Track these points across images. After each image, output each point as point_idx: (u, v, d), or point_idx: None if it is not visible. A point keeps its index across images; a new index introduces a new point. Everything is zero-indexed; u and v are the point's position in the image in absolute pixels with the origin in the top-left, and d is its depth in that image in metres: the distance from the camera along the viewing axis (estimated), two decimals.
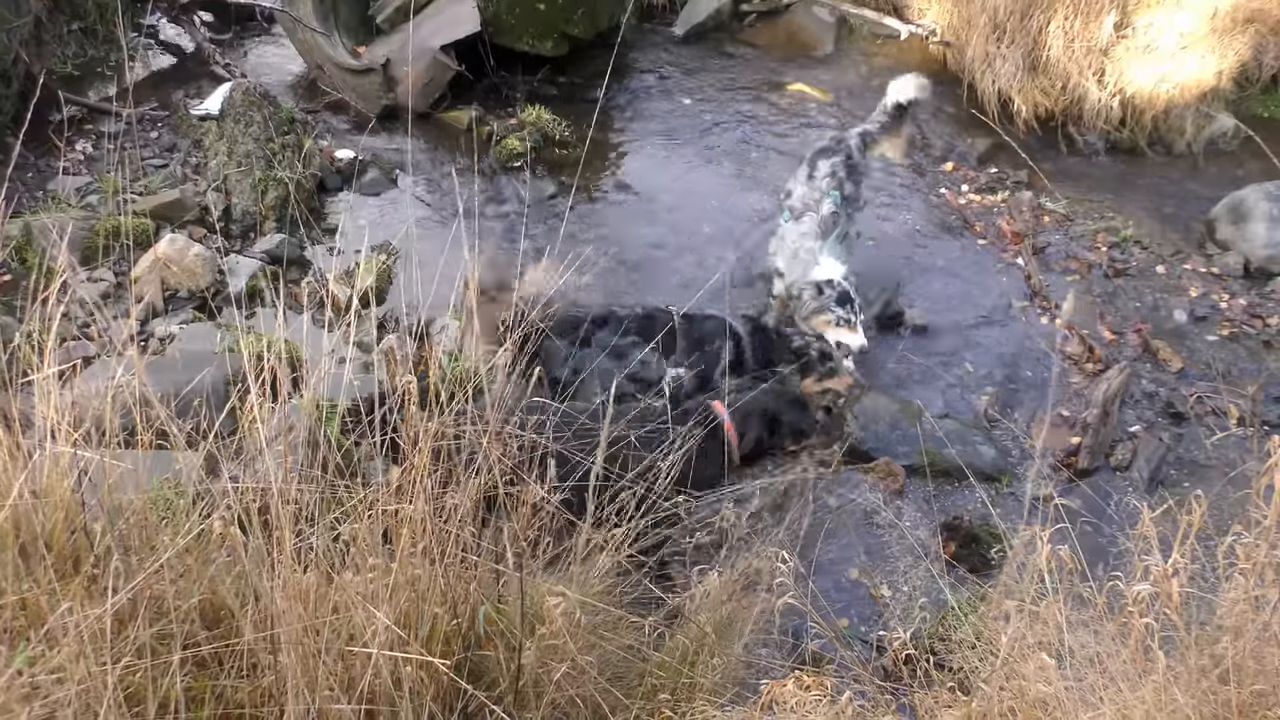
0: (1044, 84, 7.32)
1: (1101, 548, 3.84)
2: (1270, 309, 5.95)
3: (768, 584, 3.11)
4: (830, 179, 5.59)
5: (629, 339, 4.60)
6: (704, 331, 4.75)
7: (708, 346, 4.77)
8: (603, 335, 4.55)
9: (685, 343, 4.68)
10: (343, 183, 6.51)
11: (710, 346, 4.75)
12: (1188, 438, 5.11)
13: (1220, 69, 7.27)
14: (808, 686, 2.36)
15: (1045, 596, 2.52)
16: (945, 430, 5.06)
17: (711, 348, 4.74)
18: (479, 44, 7.20)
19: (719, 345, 4.76)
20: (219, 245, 5.83)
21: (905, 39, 8.29)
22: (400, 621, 2.62)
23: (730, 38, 8.41)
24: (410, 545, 2.67)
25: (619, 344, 4.58)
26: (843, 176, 5.63)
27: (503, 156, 6.74)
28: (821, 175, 5.62)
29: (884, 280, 5.92)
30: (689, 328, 4.72)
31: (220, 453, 2.96)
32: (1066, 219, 6.64)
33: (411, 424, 2.80)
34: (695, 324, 4.79)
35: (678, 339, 4.66)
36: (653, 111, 7.50)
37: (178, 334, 5.21)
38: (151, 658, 2.52)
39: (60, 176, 6.14)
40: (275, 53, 7.85)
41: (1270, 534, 2.26)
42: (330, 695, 2.52)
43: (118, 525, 2.83)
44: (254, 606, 2.65)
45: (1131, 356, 5.57)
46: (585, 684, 2.94)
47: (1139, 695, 2.18)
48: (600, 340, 4.55)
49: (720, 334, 4.80)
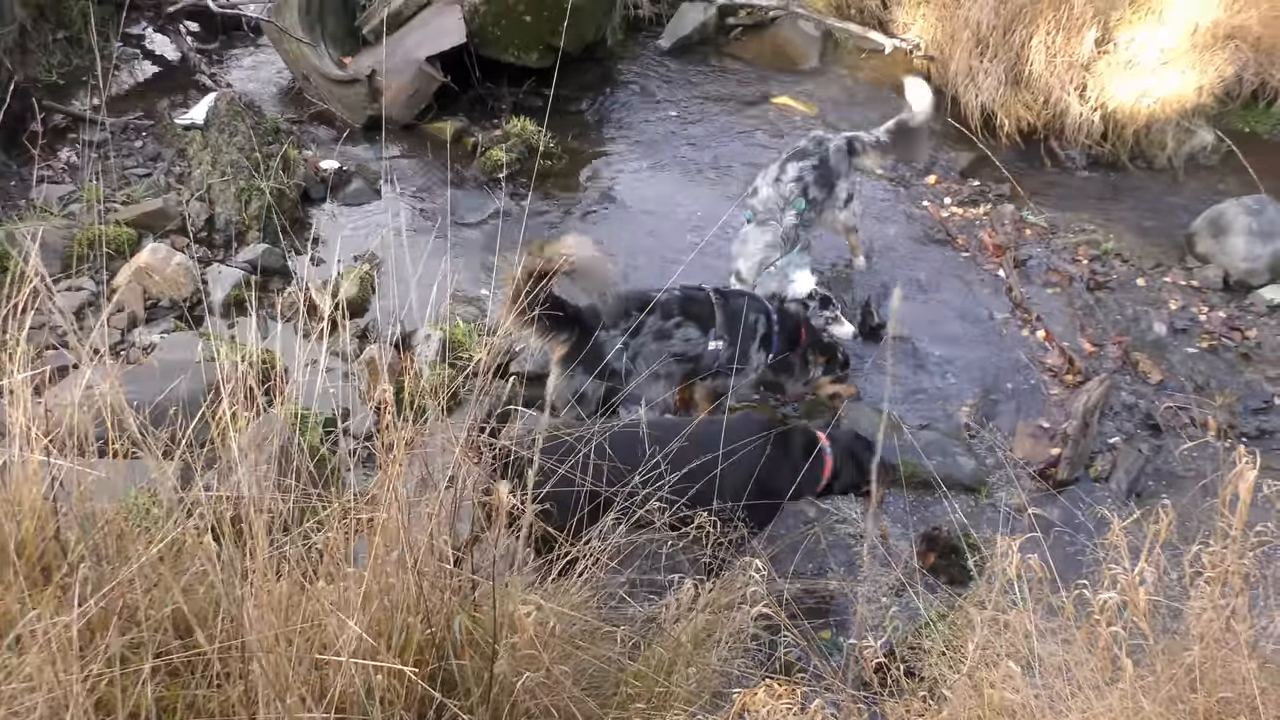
0: (1026, 98, 7.37)
1: (1077, 558, 3.86)
2: (1249, 322, 5.99)
3: (745, 594, 3.11)
4: (796, 184, 5.60)
5: (673, 320, 4.71)
6: (738, 307, 4.85)
7: (742, 321, 4.86)
8: (651, 320, 4.63)
9: (723, 317, 4.78)
10: (327, 193, 6.51)
11: (745, 321, 4.85)
12: (1166, 449, 5.13)
13: (1201, 84, 7.33)
14: (778, 695, 2.36)
15: (1016, 606, 2.53)
16: (925, 441, 5.08)
17: (746, 322, 4.84)
18: (465, 55, 7.22)
19: (754, 319, 4.88)
20: (201, 255, 5.84)
21: (890, 53, 8.33)
22: (373, 630, 2.61)
23: (716, 51, 8.44)
24: (384, 554, 2.67)
25: (665, 327, 4.69)
26: (810, 181, 5.63)
27: (487, 168, 6.75)
28: (789, 179, 5.62)
29: (866, 292, 5.96)
30: (725, 304, 4.83)
31: (194, 462, 2.96)
32: (1048, 232, 6.67)
33: (386, 433, 2.79)
34: (730, 300, 4.89)
35: (716, 314, 4.78)
36: (638, 124, 7.52)
37: (159, 343, 5.20)
38: (123, 666, 2.51)
39: (43, 185, 6.13)
40: (261, 63, 7.86)
41: (1235, 543, 2.27)
42: (302, 704, 2.51)
43: (91, 534, 2.82)
44: (226, 615, 2.65)
45: (1111, 368, 5.60)
46: (560, 694, 2.93)
47: (1106, 704, 2.19)
48: (650, 326, 4.63)
49: (753, 309, 4.91)
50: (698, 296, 4.84)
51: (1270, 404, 5.45)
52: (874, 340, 5.73)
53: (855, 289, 6.08)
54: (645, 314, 4.60)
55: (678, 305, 4.74)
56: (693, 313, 4.76)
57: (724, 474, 3.66)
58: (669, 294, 4.74)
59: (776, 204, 5.56)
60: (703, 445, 3.72)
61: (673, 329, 4.71)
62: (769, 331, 4.94)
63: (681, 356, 4.77)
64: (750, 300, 4.98)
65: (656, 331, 4.66)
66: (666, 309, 4.69)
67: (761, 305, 5.01)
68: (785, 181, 5.62)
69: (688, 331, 4.74)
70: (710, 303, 4.81)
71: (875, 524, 4.50)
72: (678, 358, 4.76)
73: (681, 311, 4.74)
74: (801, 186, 5.61)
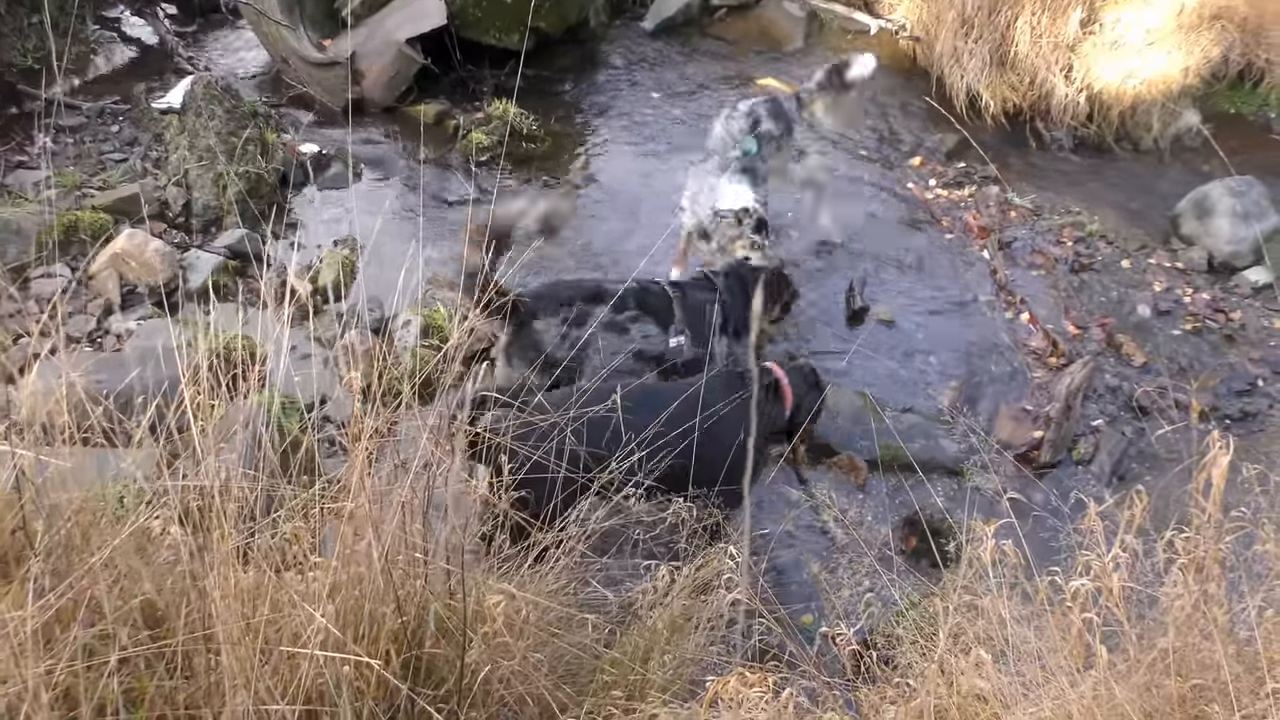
0: (1012, 79, 7.34)
1: (1051, 544, 3.84)
2: (1233, 304, 5.98)
3: (723, 580, 3.09)
4: (747, 118, 5.51)
5: (627, 314, 4.48)
6: (697, 299, 4.67)
7: (701, 313, 4.68)
8: (599, 311, 4.38)
9: (681, 312, 4.59)
10: (306, 177, 6.44)
11: (705, 313, 4.66)
12: (1149, 432, 5.12)
13: (1187, 65, 7.30)
14: (750, 684, 2.34)
15: (990, 592, 2.51)
16: (908, 424, 5.07)
17: (706, 314, 4.66)
18: (445, 37, 7.14)
19: (710, 310, 4.68)
20: (179, 240, 5.78)
21: (875, 34, 8.29)
22: (342, 621, 2.58)
23: (700, 32, 8.38)
24: (352, 543, 2.64)
25: (617, 320, 4.44)
26: (763, 114, 5.53)
27: (469, 151, 6.69)
28: (740, 114, 5.55)
29: (849, 274, 5.94)
30: (683, 297, 4.65)
31: (162, 451, 2.92)
32: (1033, 214, 6.65)
33: (356, 421, 2.75)
34: (688, 292, 4.71)
35: (675, 309, 4.59)
36: (621, 106, 7.46)
37: (135, 330, 5.15)
38: (91, 658, 2.47)
39: (17, 170, 6.06)
40: (240, 46, 7.77)
41: (1209, 529, 2.26)
42: (270, 695, 2.48)
43: (57, 525, 2.78)
44: (195, 606, 2.61)
45: (1095, 351, 5.59)
46: (536, 682, 2.91)
47: (1079, 690, 2.18)
48: (598, 317, 4.38)
49: (711, 299, 4.71)
50: (652, 289, 4.62)
51: (1254, 386, 5.44)
52: (857, 323, 5.70)
53: (838, 271, 6.04)
54: (589, 304, 4.37)
55: (632, 298, 4.50)
56: (649, 306, 4.53)
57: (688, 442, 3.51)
58: (622, 285, 4.52)
59: (725, 142, 5.46)
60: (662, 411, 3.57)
61: (627, 323, 4.47)
62: (724, 315, 4.70)
63: (642, 355, 4.51)
64: (706, 291, 4.75)
65: (608, 324, 4.39)
66: (620, 301, 4.43)
67: (714, 290, 4.77)
68: (736, 118, 5.53)
69: (645, 327, 4.51)
70: (667, 295, 4.60)
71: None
72: (637, 356, 4.49)
73: (637, 305, 4.50)
74: (751, 121, 5.50)
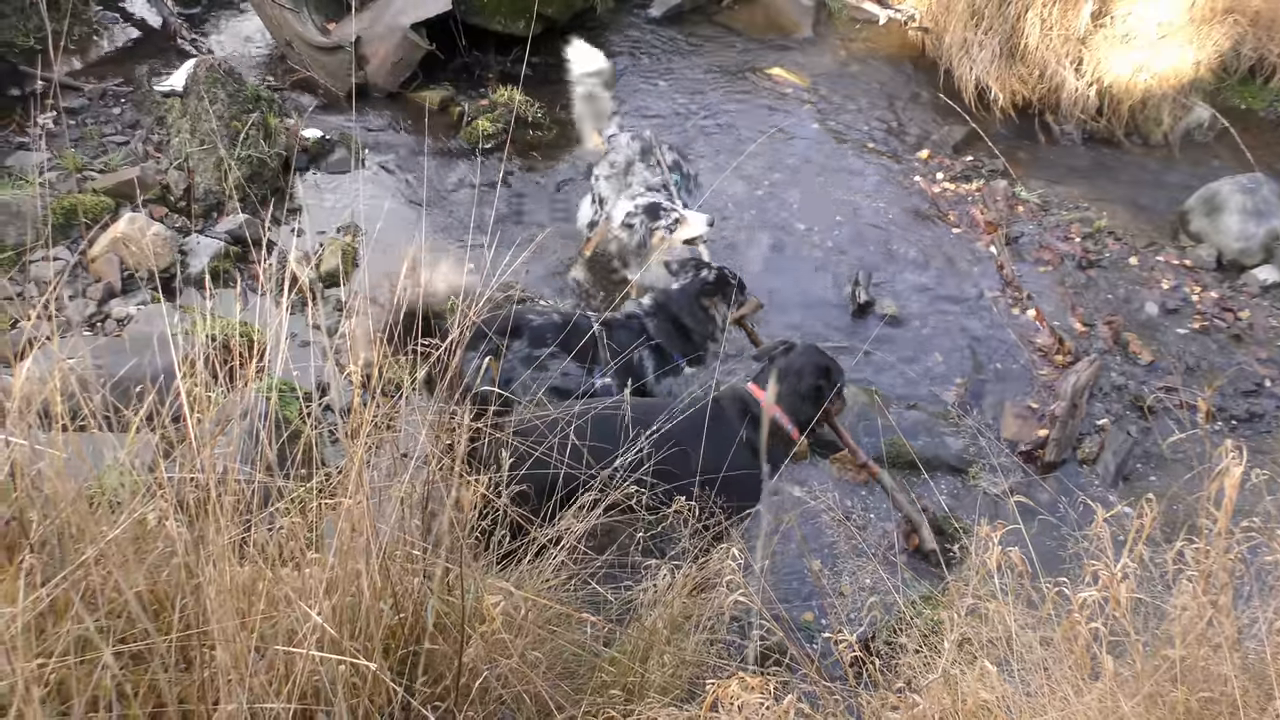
0: (1021, 72, 7.26)
1: (1061, 544, 3.80)
2: (1241, 302, 5.92)
3: (724, 579, 3.06)
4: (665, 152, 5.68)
5: (547, 350, 4.16)
6: (625, 341, 4.34)
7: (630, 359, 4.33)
8: (517, 346, 4.19)
9: (608, 355, 4.28)
10: (309, 162, 6.40)
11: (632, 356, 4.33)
12: (1155, 432, 5.08)
13: (1198, 59, 7.23)
14: (750, 688, 2.31)
15: (995, 597, 2.48)
16: (912, 421, 5.04)
17: (636, 355, 4.36)
18: (451, 23, 7.09)
19: (640, 359, 4.40)
20: (180, 225, 5.74)
21: (884, 24, 8.23)
22: (339, 617, 2.55)
23: (708, 20, 8.31)
24: (349, 539, 2.60)
25: (535, 354, 4.17)
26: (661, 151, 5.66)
27: (473, 138, 6.64)
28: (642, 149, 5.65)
29: (854, 269, 5.89)
30: (609, 336, 4.34)
31: (159, 440, 2.89)
32: (1041, 209, 6.59)
33: (354, 415, 2.72)
34: (615, 331, 4.40)
35: (600, 350, 4.29)
36: (627, 94, 7.39)
37: (135, 315, 5.11)
38: (86, 652, 2.45)
39: (19, 152, 6.02)
40: (243, 29, 7.71)
41: (1220, 539, 2.22)
42: (265, 692, 2.46)
43: (52, 515, 2.75)
44: (190, 600, 2.59)
45: (1102, 349, 5.54)
46: (533, 680, 2.88)
47: (1084, 701, 2.14)
48: (515, 351, 4.19)
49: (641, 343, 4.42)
50: (581, 325, 4.28)
51: (1261, 386, 5.39)
52: (862, 318, 5.66)
53: (842, 265, 5.99)
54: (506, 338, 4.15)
55: (552, 333, 4.21)
56: (570, 344, 4.20)
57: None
58: (543, 319, 4.31)
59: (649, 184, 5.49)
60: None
61: (547, 360, 4.17)
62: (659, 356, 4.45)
63: (562, 392, 4.21)
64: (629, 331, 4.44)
65: (525, 358, 4.17)
66: (536, 335, 4.20)
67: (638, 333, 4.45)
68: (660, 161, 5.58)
69: (565, 365, 4.21)
70: (594, 335, 4.27)
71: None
72: (557, 392, 4.17)
73: (559, 342, 4.18)
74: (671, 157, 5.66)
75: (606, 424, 3.53)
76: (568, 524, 3.09)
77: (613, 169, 5.65)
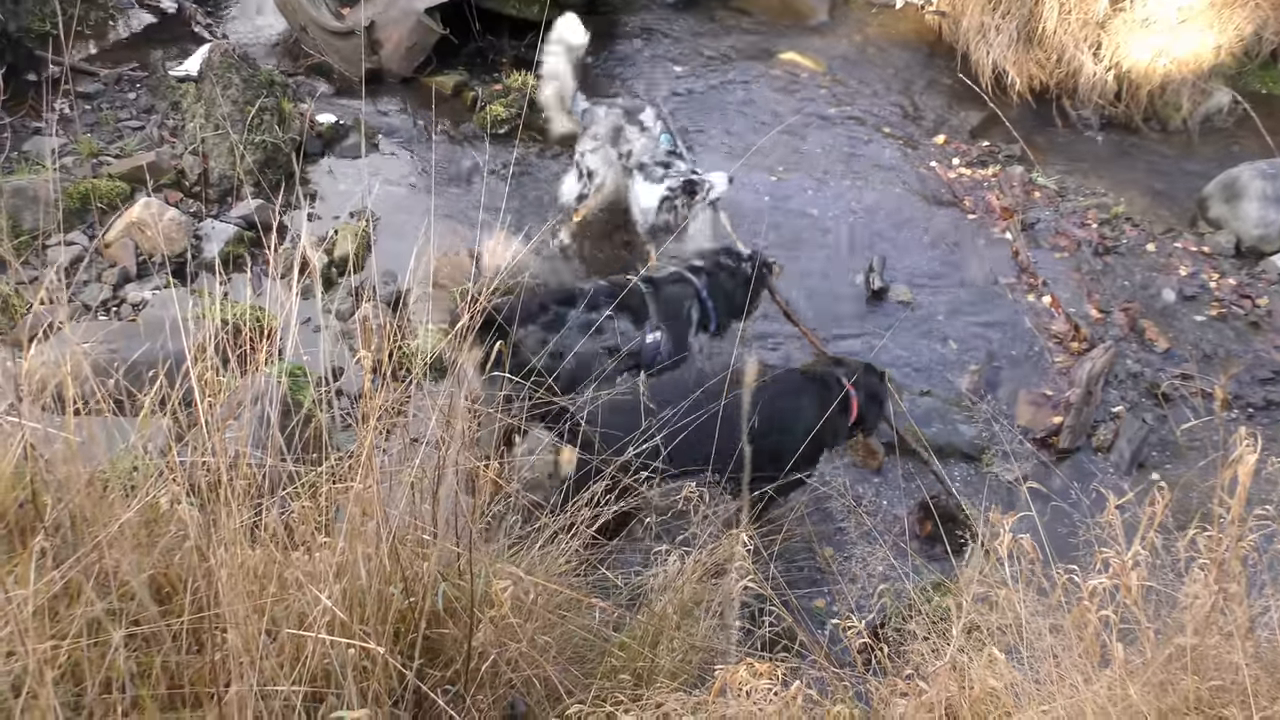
0: (1039, 56, 7.20)
1: (1073, 531, 3.79)
2: (1260, 289, 5.87)
3: (734, 565, 3.06)
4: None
5: (601, 314, 4.33)
6: (672, 293, 4.63)
7: (678, 308, 4.64)
8: (573, 314, 4.33)
9: (656, 306, 4.54)
10: (323, 147, 6.40)
11: (681, 307, 4.63)
12: (1171, 419, 5.04)
13: (1219, 44, 7.15)
14: (759, 674, 2.31)
15: (1006, 584, 2.47)
16: (925, 407, 5.03)
17: (682, 309, 4.63)
18: (465, 7, 7.07)
19: (688, 306, 4.65)
20: (195, 209, 5.76)
21: (901, 8, 8.17)
22: (349, 601, 2.57)
23: (723, 4, 8.25)
24: (360, 523, 2.61)
25: (592, 319, 4.32)
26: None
27: (487, 123, 6.63)
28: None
29: (869, 253, 5.87)
30: (656, 292, 4.58)
31: (171, 424, 2.90)
32: (1057, 195, 6.54)
33: (365, 400, 2.72)
34: (662, 287, 4.64)
35: (649, 304, 4.53)
36: (642, 79, 7.37)
37: (149, 300, 5.14)
38: (99, 633, 2.47)
39: (36, 137, 6.05)
40: (258, 13, 7.72)
41: (1233, 528, 2.20)
42: (276, 674, 2.47)
43: (66, 498, 2.77)
44: (202, 583, 2.60)
45: (1118, 335, 5.50)
46: (543, 665, 2.89)
47: (1093, 689, 2.13)
48: (572, 319, 4.33)
49: (686, 295, 4.66)
50: (622, 285, 4.46)
51: (1278, 374, 5.34)
52: (876, 304, 5.63)
53: (857, 250, 5.96)
54: (562, 306, 4.31)
55: (604, 296, 4.37)
56: (622, 303, 4.37)
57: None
58: (591, 285, 4.48)
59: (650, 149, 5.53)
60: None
61: (603, 323, 4.33)
62: (704, 312, 4.69)
63: (615, 351, 4.43)
64: (683, 285, 4.69)
65: (584, 325, 4.30)
66: (593, 301, 4.34)
67: (691, 288, 4.71)
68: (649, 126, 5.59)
69: (621, 324, 4.41)
70: (640, 292, 4.50)
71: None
72: (610, 351, 4.41)
73: (610, 302, 4.34)
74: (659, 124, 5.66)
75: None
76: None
77: (597, 142, 5.67)
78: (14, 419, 2.76)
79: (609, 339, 4.41)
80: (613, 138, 5.63)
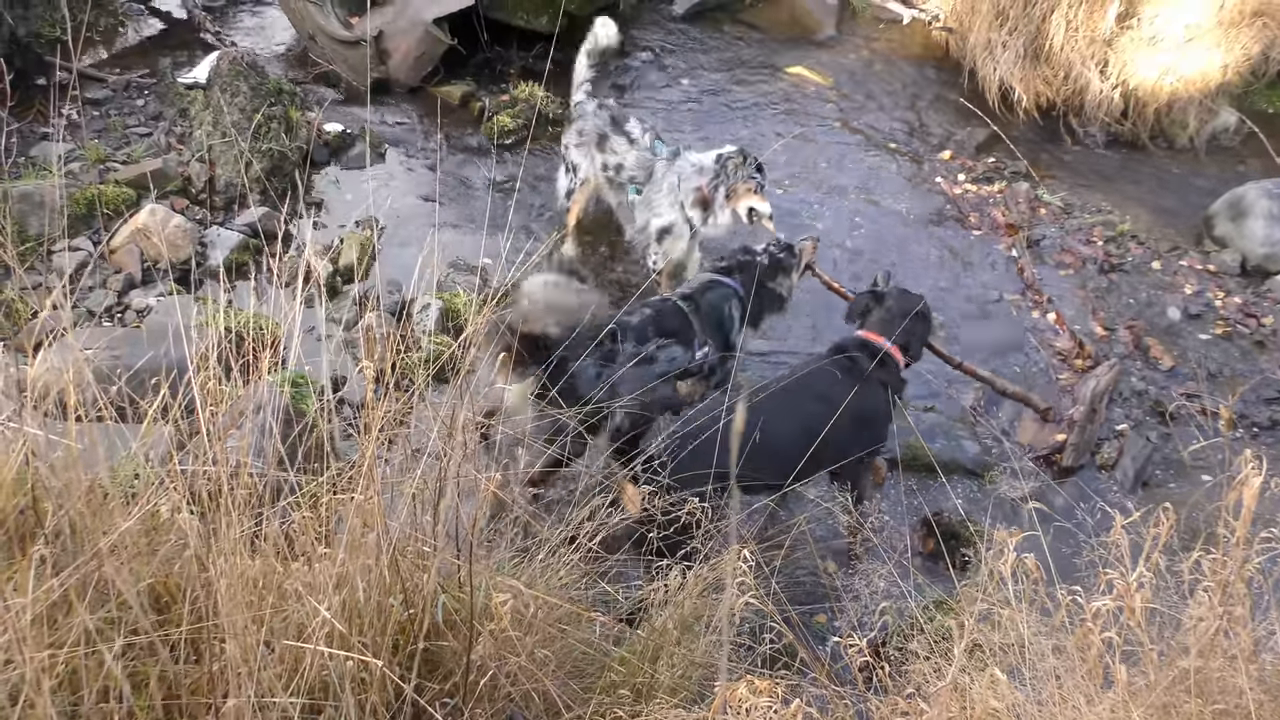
0: (1046, 73, 7.20)
1: (1077, 550, 3.77)
2: (1265, 308, 5.85)
3: (734, 580, 3.05)
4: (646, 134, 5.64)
5: (649, 343, 4.33)
6: (711, 303, 4.62)
7: (720, 317, 4.65)
8: (626, 347, 4.26)
9: (699, 323, 4.54)
10: (330, 156, 6.42)
11: (722, 312, 4.64)
12: (1175, 438, 5.02)
13: (1226, 63, 7.14)
14: (759, 691, 2.30)
15: (1009, 604, 2.45)
16: (929, 424, 5.01)
17: (724, 315, 4.64)
18: (473, 18, 7.09)
19: (729, 308, 4.65)
20: (201, 217, 5.76)
21: (908, 24, 8.17)
22: (348, 612, 2.56)
23: (730, 17, 8.27)
24: (360, 535, 2.60)
25: (640, 349, 4.29)
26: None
27: (494, 133, 6.64)
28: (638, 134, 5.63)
29: (874, 268, 5.85)
30: (697, 309, 4.58)
31: (173, 433, 2.89)
32: (1063, 211, 6.53)
33: (368, 411, 2.72)
34: (701, 300, 4.62)
35: (692, 322, 4.52)
36: (649, 91, 7.39)
37: (154, 306, 5.14)
38: (97, 642, 2.46)
39: (43, 142, 6.06)
40: (266, 22, 7.75)
41: (1237, 549, 2.19)
42: (274, 686, 2.46)
43: (66, 506, 2.76)
44: (201, 593, 2.59)
45: (1122, 353, 5.49)
46: (542, 679, 2.88)
47: (1096, 710, 2.12)
48: (625, 351, 4.25)
49: (724, 299, 4.67)
50: (665, 309, 4.52)
51: None
52: None
53: (863, 265, 5.95)
54: (613, 340, 4.22)
55: (651, 327, 4.38)
56: (669, 329, 4.42)
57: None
58: (638, 316, 4.42)
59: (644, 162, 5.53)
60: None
61: (655, 352, 4.32)
62: (744, 309, 4.67)
63: (667, 375, 4.42)
64: (719, 289, 4.68)
65: (633, 357, 4.22)
66: (639, 333, 4.33)
67: (729, 290, 4.70)
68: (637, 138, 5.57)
69: (671, 352, 4.41)
70: (682, 312, 4.52)
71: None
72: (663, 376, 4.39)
73: (657, 331, 4.37)
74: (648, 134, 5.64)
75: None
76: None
77: (581, 137, 5.68)
78: (15, 425, 2.76)
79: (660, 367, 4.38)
80: (597, 141, 5.63)
